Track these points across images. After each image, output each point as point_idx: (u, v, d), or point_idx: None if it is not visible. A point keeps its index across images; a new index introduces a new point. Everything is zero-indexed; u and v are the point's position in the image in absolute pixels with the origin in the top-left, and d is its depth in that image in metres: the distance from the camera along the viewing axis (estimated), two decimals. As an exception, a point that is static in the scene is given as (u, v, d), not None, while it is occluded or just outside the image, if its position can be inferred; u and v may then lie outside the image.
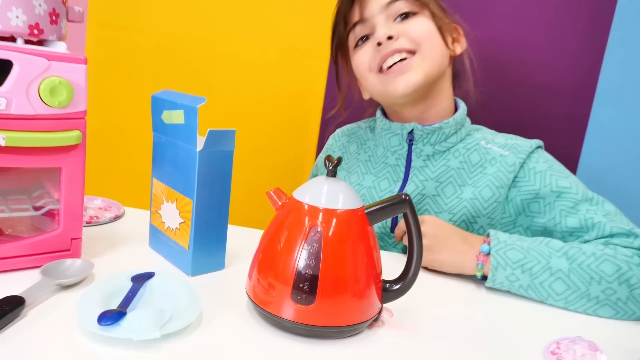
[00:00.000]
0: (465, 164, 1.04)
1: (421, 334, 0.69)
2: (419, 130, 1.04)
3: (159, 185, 0.82)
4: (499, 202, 1.00)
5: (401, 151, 1.08)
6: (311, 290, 0.61)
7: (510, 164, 1.00)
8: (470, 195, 1.01)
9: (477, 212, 1.00)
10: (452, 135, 1.05)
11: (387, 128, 1.09)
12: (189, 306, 0.65)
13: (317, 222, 0.63)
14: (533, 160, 1.00)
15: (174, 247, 0.80)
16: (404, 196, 0.66)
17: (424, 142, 1.05)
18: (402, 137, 1.07)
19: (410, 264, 0.68)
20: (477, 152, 1.05)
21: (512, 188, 1.00)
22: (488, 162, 1.03)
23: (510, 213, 1.01)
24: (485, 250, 0.86)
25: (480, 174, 1.02)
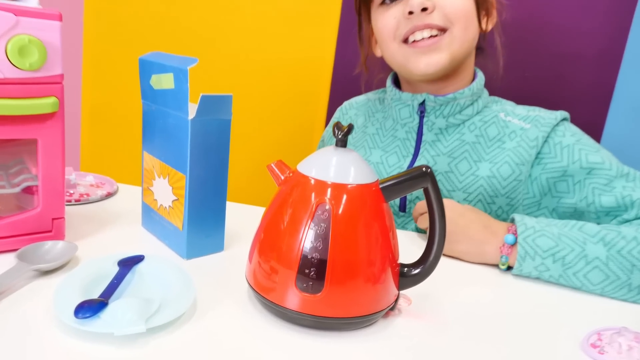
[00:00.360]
0: (481, 138, 0.95)
1: (443, 324, 0.61)
2: (431, 101, 0.95)
3: (150, 159, 0.74)
4: (520, 181, 0.91)
5: (412, 124, 0.99)
6: (318, 277, 0.53)
7: (532, 139, 0.91)
8: (487, 172, 0.92)
9: (495, 191, 0.91)
10: (468, 107, 0.96)
11: (397, 98, 1.00)
12: (182, 294, 0.57)
13: (325, 199, 0.55)
14: (559, 134, 0.91)
15: (167, 227, 0.72)
16: (425, 168, 0.57)
17: (437, 114, 0.96)
18: (412, 109, 0.98)
19: (431, 246, 0.59)
20: (495, 126, 0.95)
21: (535, 165, 0.91)
22: (507, 136, 0.94)
23: (534, 193, 0.92)
24: (509, 241, 0.77)
25: (499, 149, 0.93)
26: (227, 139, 0.68)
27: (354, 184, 0.55)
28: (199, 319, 0.56)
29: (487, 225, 0.81)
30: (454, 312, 0.65)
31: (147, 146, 0.75)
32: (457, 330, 0.60)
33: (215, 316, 0.57)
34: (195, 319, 0.56)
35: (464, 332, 0.60)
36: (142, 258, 0.64)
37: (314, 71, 1.39)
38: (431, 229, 0.59)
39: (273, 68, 1.41)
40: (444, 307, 0.66)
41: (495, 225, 0.81)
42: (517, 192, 0.92)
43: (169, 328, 0.54)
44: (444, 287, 0.70)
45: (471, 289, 0.72)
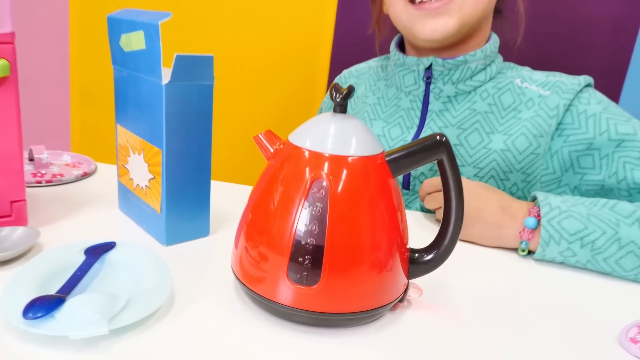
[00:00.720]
0: (494, 107, 0.86)
1: (459, 316, 0.53)
2: (439, 65, 0.86)
3: (124, 133, 0.66)
4: (538, 155, 0.82)
5: (417, 92, 0.89)
6: (314, 266, 0.45)
7: (552, 107, 0.82)
8: (500, 145, 0.83)
9: (509, 166, 0.83)
10: (480, 72, 0.87)
11: (401, 64, 0.90)
12: (156, 287, 0.49)
13: (322, 174, 0.46)
14: (583, 102, 0.82)
15: (145, 210, 0.64)
16: (439, 137, 0.48)
17: (445, 80, 0.87)
18: (418, 74, 0.88)
19: (446, 227, 0.51)
20: (510, 93, 0.86)
21: (556, 137, 0.82)
22: (523, 104, 0.85)
23: (554, 169, 0.83)
24: (531, 224, 0.69)
25: (514, 119, 0.84)
26: (209, 108, 0.60)
27: (355, 155, 0.47)
28: (176, 316, 0.48)
29: (505, 206, 0.73)
30: (471, 302, 0.56)
31: (121, 118, 0.66)
32: (476, 324, 0.52)
33: (195, 313, 0.49)
34: (171, 317, 0.48)
35: (484, 325, 0.52)
36: (113, 245, 0.56)
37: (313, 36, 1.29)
38: (446, 209, 0.51)
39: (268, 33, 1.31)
40: (459, 297, 0.57)
41: (514, 206, 0.73)
42: (534, 167, 0.83)
43: (138, 328, 0.46)
44: (457, 275, 0.62)
45: (488, 276, 0.64)
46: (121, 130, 0.66)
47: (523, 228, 0.70)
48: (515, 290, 0.61)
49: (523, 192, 0.85)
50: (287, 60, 1.33)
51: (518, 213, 0.71)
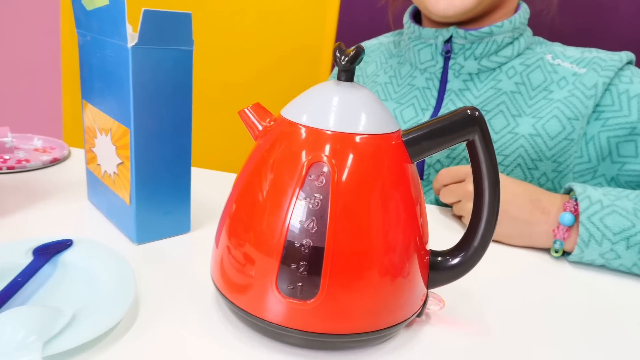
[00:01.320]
0: (522, 86, 0.75)
1: (487, 333, 0.43)
2: (461, 38, 0.75)
3: (90, 110, 0.56)
4: (572, 141, 0.71)
5: (434, 68, 0.79)
6: (311, 275, 0.35)
7: (589, 86, 0.71)
8: (529, 129, 0.73)
9: (538, 154, 0.72)
10: (507, 47, 0.76)
11: (417, 37, 0.80)
12: (113, 299, 0.39)
13: (322, 157, 0.36)
14: (624, 80, 0.71)
15: (113, 200, 0.54)
16: (471, 111, 0.38)
17: (466, 55, 0.76)
18: (435, 49, 0.78)
19: (476, 226, 0.41)
20: (540, 70, 0.76)
21: (592, 121, 0.72)
22: (555, 83, 0.74)
23: (589, 157, 0.72)
24: (567, 221, 0.58)
25: (545, 100, 0.74)
26: (188, 80, 0.49)
27: (365, 133, 0.37)
28: (137, 336, 0.38)
29: (535, 200, 0.62)
30: (499, 315, 0.46)
31: (86, 92, 0.56)
32: (507, 342, 0.42)
33: (162, 332, 0.39)
34: (131, 337, 0.38)
35: (516, 344, 0.42)
36: (68, 244, 0.46)
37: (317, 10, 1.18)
38: (477, 202, 0.41)
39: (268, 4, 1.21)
40: (485, 309, 0.47)
41: (546, 199, 0.62)
42: (567, 154, 0.72)
43: (87, 351, 0.36)
44: (481, 282, 0.52)
45: (518, 283, 0.54)
46: (87, 107, 0.56)
47: (557, 225, 0.59)
48: (550, 299, 0.50)
49: (553, 183, 0.75)
50: (288, 36, 1.22)
51: (551, 208, 0.61)
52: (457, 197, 0.67)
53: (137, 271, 0.47)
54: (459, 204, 0.67)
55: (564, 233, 0.59)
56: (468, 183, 0.65)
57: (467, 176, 0.65)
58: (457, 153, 0.77)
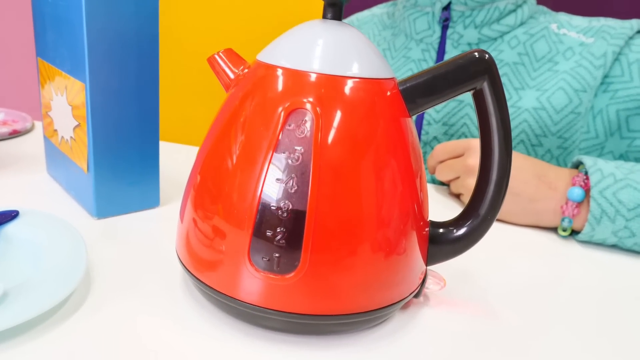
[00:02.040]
0: (526, 57, 0.70)
1: (492, 315, 0.38)
2: (460, 4, 0.69)
3: (44, 68, 0.49)
4: (578, 114, 0.66)
5: (430, 38, 0.73)
6: (290, 244, 0.29)
7: (597, 56, 0.66)
8: (532, 102, 0.67)
9: (543, 129, 0.67)
10: (509, 15, 0.70)
11: (412, 4, 0.74)
12: (58, 274, 0.33)
13: (304, 103, 0.30)
14: (635, 49, 0.66)
15: (72, 170, 0.48)
16: (479, 53, 0.33)
17: (466, 24, 0.70)
18: (432, 17, 0.72)
19: (484, 190, 0.35)
20: (544, 40, 0.70)
21: (600, 93, 0.66)
22: (561, 54, 0.69)
23: (597, 132, 0.67)
24: (576, 196, 0.53)
25: (550, 71, 0.68)
26: (153, 29, 0.43)
27: (356, 76, 0.31)
28: (86, 318, 0.32)
29: (541, 174, 0.57)
30: (504, 297, 0.41)
31: (40, 47, 0.49)
32: (516, 325, 0.37)
33: (117, 313, 0.33)
34: (78, 319, 0.32)
35: (526, 327, 0.37)
36: (14, 215, 0.40)
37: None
38: (485, 162, 0.35)
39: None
40: (487, 290, 0.42)
41: (553, 174, 0.57)
42: (573, 130, 0.67)
43: (25, 334, 0.30)
44: (483, 261, 0.47)
45: (522, 263, 0.48)
46: (42, 65, 0.50)
47: (566, 201, 0.54)
48: (558, 281, 0.45)
49: (558, 161, 0.69)
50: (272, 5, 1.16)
51: (558, 182, 0.56)
52: (455, 173, 0.61)
53: (94, 248, 0.41)
54: (457, 180, 0.62)
55: (573, 209, 0.54)
56: (468, 157, 0.59)
57: (466, 150, 0.60)
58: (456, 129, 0.71)
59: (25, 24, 1.47)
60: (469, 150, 0.59)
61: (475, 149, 0.59)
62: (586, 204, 0.54)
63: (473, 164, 0.58)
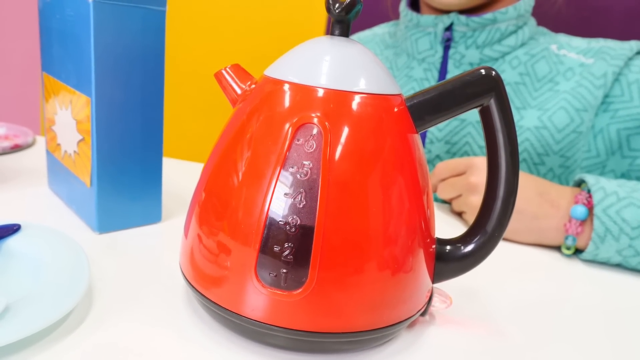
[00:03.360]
0: (527, 77, 0.70)
1: (502, 335, 0.37)
2: (462, 25, 0.70)
3: (50, 82, 0.49)
4: (580, 134, 0.67)
5: (433, 58, 0.74)
6: (298, 260, 0.29)
7: (598, 76, 0.67)
8: (534, 121, 0.68)
9: (545, 148, 0.67)
10: (510, 36, 0.71)
11: (414, 24, 0.75)
12: (59, 290, 0.33)
13: (313, 117, 0.30)
14: (634, 70, 0.67)
15: (74, 184, 0.48)
16: (486, 70, 0.33)
17: (468, 44, 0.71)
18: (435, 37, 0.73)
19: (491, 206, 0.35)
20: (545, 61, 0.71)
21: (600, 113, 0.67)
22: (561, 74, 0.70)
23: (598, 151, 0.68)
24: (579, 214, 0.53)
25: (551, 91, 0.69)
26: (160, 45, 0.43)
27: (364, 92, 0.31)
28: (88, 334, 0.32)
29: (543, 192, 0.57)
30: (512, 316, 0.41)
31: (46, 62, 0.49)
32: (524, 345, 0.36)
33: (119, 330, 0.33)
34: (80, 335, 0.32)
35: (534, 347, 0.36)
36: (15, 229, 0.40)
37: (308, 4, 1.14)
38: (492, 179, 0.35)
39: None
40: (494, 308, 0.42)
41: (555, 192, 0.57)
42: (575, 149, 0.68)
43: (23, 351, 0.29)
44: (488, 281, 0.46)
45: (528, 282, 0.48)
46: (47, 79, 0.50)
47: (569, 219, 0.54)
48: (563, 300, 0.45)
49: (560, 179, 0.69)
50: (277, 23, 1.17)
51: (560, 200, 0.56)
52: (457, 191, 0.61)
53: (96, 263, 0.40)
54: (460, 198, 0.61)
55: (577, 228, 0.53)
56: (470, 175, 0.59)
57: (469, 168, 0.60)
58: (458, 148, 0.71)
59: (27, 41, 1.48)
60: (471, 168, 0.59)
61: (477, 166, 0.59)
62: (589, 222, 0.53)
63: (475, 181, 0.58)
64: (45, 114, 0.52)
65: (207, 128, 1.24)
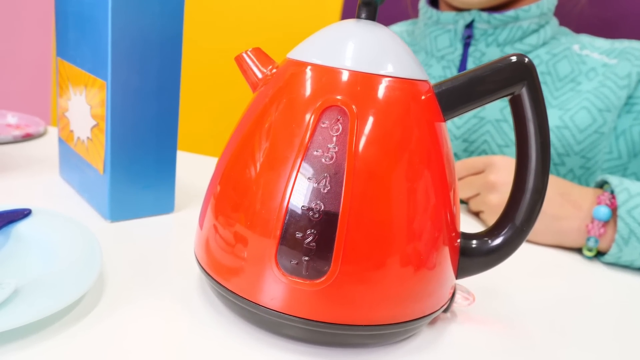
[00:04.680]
0: (548, 76, 0.69)
1: (523, 333, 0.36)
2: (483, 22, 0.69)
3: (64, 68, 0.49)
4: (602, 134, 0.65)
5: (452, 55, 0.72)
6: (321, 247, 0.28)
7: (621, 76, 0.65)
8: (556, 121, 0.66)
9: (566, 148, 0.66)
10: (532, 34, 0.70)
11: (434, 21, 0.74)
12: (71, 275, 0.32)
13: (339, 100, 0.29)
14: None
15: (86, 172, 0.47)
16: (518, 57, 0.31)
17: (489, 42, 0.70)
18: (455, 35, 0.71)
19: (519, 199, 0.34)
20: (567, 61, 0.70)
21: (623, 114, 0.65)
22: (584, 74, 0.68)
23: (620, 153, 0.66)
24: (602, 215, 0.52)
25: (572, 91, 0.67)
26: (178, 31, 0.43)
27: (392, 76, 0.30)
28: (99, 321, 0.31)
29: (564, 193, 0.55)
30: (534, 314, 0.39)
31: (61, 47, 0.49)
32: (549, 345, 0.35)
33: (131, 317, 0.32)
34: (91, 322, 0.31)
35: (560, 348, 0.35)
36: (26, 213, 0.39)
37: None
38: (521, 171, 0.34)
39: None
40: (517, 306, 0.40)
41: (577, 193, 0.55)
42: (596, 150, 0.66)
43: (32, 335, 0.28)
44: (509, 279, 0.45)
45: (549, 282, 0.46)
46: (62, 65, 0.49)
47: (591, 220, 0.52)
48: (585, 302, 0.43)
49: (580, 181, 0.68)
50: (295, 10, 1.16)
51: (582, 201, 0.54)
52: (475, 189, 0.60)
53: (107, 251, 0.39)
54: (477, 197, 0.60)
55: (599, 229, 0.52)
56: (489, 173, 0.58)
57: (487, 166, 0.59)
58: (477, 146, 0.70)
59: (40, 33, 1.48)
60: (490, 166, 0.58)
61: (497, 165, 0.57)
62: (612, 224, 0.52)
63: (495, 179, 0.57)
64: (59, 101, 0.51)
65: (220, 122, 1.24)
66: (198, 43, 1.18)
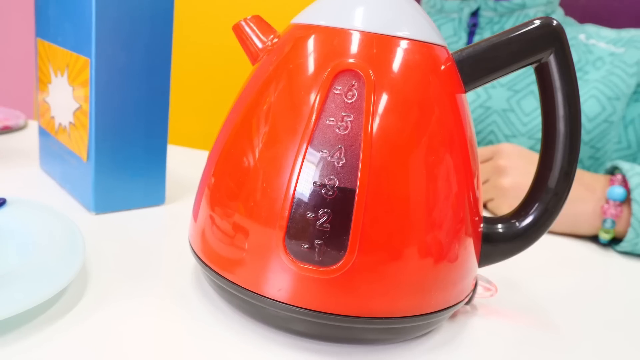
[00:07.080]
0: None
1: (551, 329, 0.33)
2: (489, 10, 0.67)
3: (44, 48, 0.45)
4: (611, 123, 0.63)
5: (456, 45, 0.70)
6: (336, 230, 0.24)
7: (630, 63, 0.64)
8: None
9: None
10: None
11: (438, 9, 0.71)
12: (49, 268, 0.28)
13: (354, 63, 0.26)
14: None
15: (68, 161, 0.43)
16: (544, 20, 0.29)
17: (494, 30, 0.68)
18: (459, 23, 0.69)
19: (545, 176, 0.31)
20: (573, 50, 0.67)
21: (632, 103, 0.63)
22: (591, 64, 0.66)
23: (629, 142, 0.64)
24: (617, 196, 0.49)
25: (580, 80, 0.65)
26: (169, 3, 0.39)
27: (410, 38, 0.27)
28: (83, 319, 0.27)
29: (577, 178, 0.53)
30: (558, 306, 0.36)
31: (41, 27, 0.45)
32: (577, 338, 0.32)
33: (118, 313, 0.28)
34: (74, 319, 0.27)
35: (589, 341, 0.32)
36: (1, 203, 0.35)
37: None
38: (548, 146, 0.30)
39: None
40: (537, 299, 0.37)
41: (589, 177, 0.53)
42: (606, 139, 0.64)
43: (9, 334, 0.24)
44: (528, 270, 0.42)
45: (566, 272, 0.44)
46: (41, 45, 0.45)
47: (606, 201, 0.50)
48: (604, 292, 0.41)
49: (589, 171, 0.65)
50: None
51: (595, 184, 0.52)
52: (484, 176, 0.57)
53: (92, 244, 0.35)
54: (487, 184, 0.57)
55: (615, 209, 0.49)
56: (498, 158, 0.55)
57: (495, 153, 0.56)
58: (483, 137, 0.68)
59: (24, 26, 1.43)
60: (498, 152, 0.56)
61: (505, 151, 0.55)
62: (627, 206, 0.49)
63: (504, 164, 0.54)
64: (38, 85, 0.47)
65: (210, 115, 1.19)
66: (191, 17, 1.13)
